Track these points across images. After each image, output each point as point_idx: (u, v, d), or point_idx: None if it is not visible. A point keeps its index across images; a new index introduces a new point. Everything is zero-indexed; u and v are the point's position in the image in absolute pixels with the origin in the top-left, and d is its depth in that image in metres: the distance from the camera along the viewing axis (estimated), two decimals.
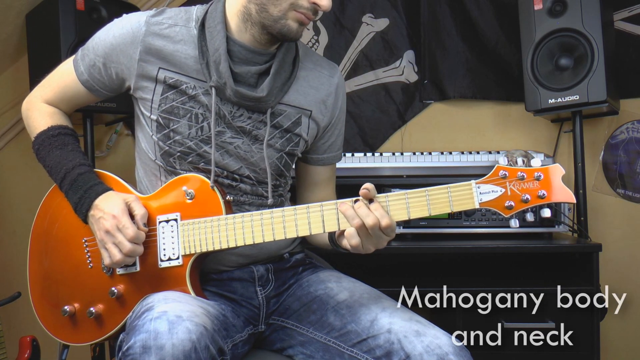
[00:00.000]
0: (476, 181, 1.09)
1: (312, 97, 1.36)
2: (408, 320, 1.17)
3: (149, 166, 1.35)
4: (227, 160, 1.30)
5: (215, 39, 1.24)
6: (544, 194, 1.07)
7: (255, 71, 1.27)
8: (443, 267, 2.00)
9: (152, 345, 1.00)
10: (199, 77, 1.26)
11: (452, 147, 2.19)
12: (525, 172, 1.08)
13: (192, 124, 1.27)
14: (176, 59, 1.26)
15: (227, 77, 1.23)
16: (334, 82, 1.40)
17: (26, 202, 2.39)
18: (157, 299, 1.13)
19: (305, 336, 1.29)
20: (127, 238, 1.18)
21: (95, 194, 1.24)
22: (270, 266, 1.37)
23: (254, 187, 1.34)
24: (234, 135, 1.29)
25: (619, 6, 2.20)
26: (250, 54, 1.27)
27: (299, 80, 1.34)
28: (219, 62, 1.24)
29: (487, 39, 2.30)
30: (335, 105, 1.40)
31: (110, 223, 1.19)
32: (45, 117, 1.36)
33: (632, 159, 2.23)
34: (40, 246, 1.38)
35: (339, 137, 1.47)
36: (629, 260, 2.23)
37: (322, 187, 1.48)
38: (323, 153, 1.45)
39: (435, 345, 1.11)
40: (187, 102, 1.27)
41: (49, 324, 1.35)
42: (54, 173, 1.30)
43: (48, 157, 1.31)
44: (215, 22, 1.26)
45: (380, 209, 1.10)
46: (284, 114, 1.33)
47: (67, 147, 1.32)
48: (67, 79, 1.37)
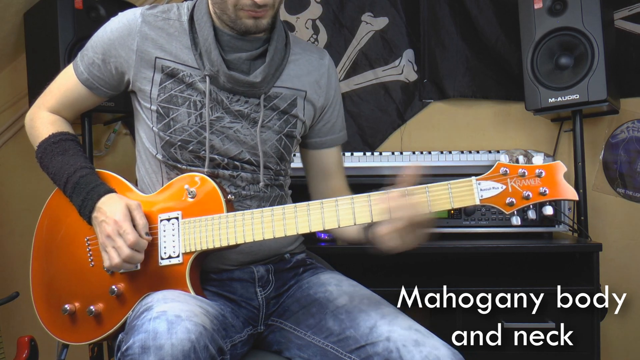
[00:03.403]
0: (477, 178, 1.09)
1: (305, 79, 1.39)
2: (407, 329, 1.17)
3: (150, 163, 1.35)
4: (228, 145, 1.31)
5: (203, 30, 1.29)
6: (545, 190, 1.06)
7: (245, 57, 1.30)
8: (443, 267, 2.00)
9: (151, 345, 0.99)
10: (195, 66, 1.29)
11: (451, 146, 2.18)
12: (527, 169, 1.07)
13: (191, 112, 1.28)
14: (172, 49, 1.29)
15: (219, 64, 1.26)
16: (324, 64, 1.43)
17: (24, 201, 2.38)
18: (156, 298, 1.13)
19: (303, 340, 1.29)
20: (127, 244, 1.18)
21: (97, 195, 1.24)
22: (271, 267, 1.36)
23: (254, 174, 1.34)
24: (233, 120, 1.31)
25: (619, 5, 2.20)
26: (238, 42, 1.30)
27: (290, 64, 1.37)
28: (209, 50, 1.27)
29: (486, 37, 2.29)
30: (329, 86, 1.43)
31: (111, 228, 1.19)
32: (47, 126, 1.37)
33: (632, 159, 2.23)
34: (43, 245, 1.39)
35: (338, 118, 1.49)
36: (629, 260, 2.23)
37: (333, 176, 1.49)
38: (325, 135, 1.47)
39: (434, 356, 1.11)
40: (185, 90, 1.29)
41: (49, 323, 1.35)
42: (57, 179, 1.31)
43: (50, 164, 1.32)
44: (202, 13, 1.30)
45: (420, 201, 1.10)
46: (279, 97, 1.35)
47: (69, 152, 1.33)
48: (68, 83, 1.38)
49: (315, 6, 2.43)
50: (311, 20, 2.43)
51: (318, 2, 2.43)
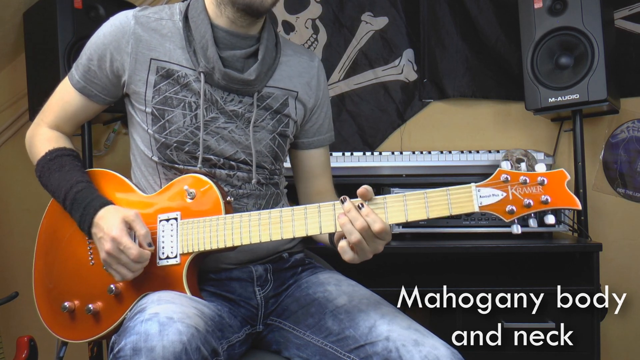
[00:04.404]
0: (476, 184, 1.07)
1: (296, 80, 1.41)
2: (407, 329, 1.16)
3: (145, 166, 1.35)
4: (223, 145, 1.31)
5: (200, 27, 1.29)
6: (547, 199, 1.04)
7: (240, 55, 1.31)
8: (443, 267, 2.00)
9: (142, 347, 0.99)
10: (189, 66, 1.30)
11: (451, 146, 2.18)
12: (529, 177, 1.05)
13: (186, 113, 1.29)
14: (165, 50, 1.30)
15: (215, 61, 1.27)
16: (314, 66, 1.46)
17: (23, 201, 2.38)
18: (150, 300, 1.13)
19: (302, 339, 1.28)
20: (131, 258, 1.17)
21: (93, 210, 1.24)
22: (269, 266, 1.36)
23: (250, 173, 1.34)
24: (227, 120, 1.31)
25: (620, 4, 2.19)
26: (234, 39, 1.31)
27: (282, 64, 1.39)
28: (206, 47, 1.28)
29: (486, 37, 2.29)
30: (318, 87, 1.46)
31: (110, 245, 1.18)
32: (44, 143, 1.37)
33: (632, 158, 2.23)
34: (46, 243, 1.39)
35: (325, 119, 1.50)
36: (629, 260, 2.22)
37: (318, 177, 1.50)
38: (312, 136, 1.49)
39: (434, 356, 1.10)
40: (179, 91, 1.29)
41: (48, 320, 1.35)
42: (57, 197, 1.31)
43: (49, 182, 1.33)
44: (198, 11, 1.31)
45: (372, 213, 1.08)
46: (272, 96, 1.36)
47: (65, 168, 1.32)
48: (65, 96, 1.38)
49: (315, 6, 2.43)
50: (311, 20, 2.43)
51: (318, 1, 2.42)
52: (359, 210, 1.09)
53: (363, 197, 1.10)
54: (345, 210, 1.09)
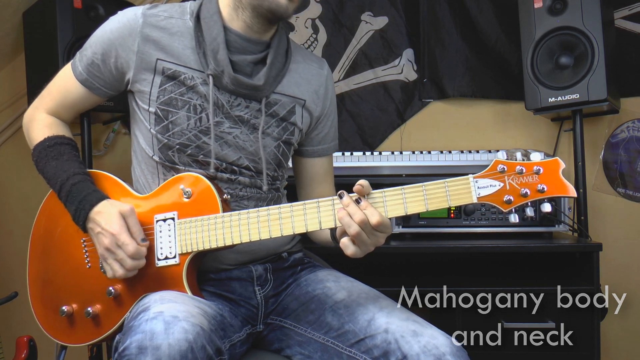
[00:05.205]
0: (474, 175, 1.08)
1: (304, 87, 1.40)
2: (405, 320, 1.17)
3: (146, 164, 1.35)
4: (226, 150, 1.30)
5: (212, 29, 1.27)
6: (543, 187, 1.05)
7: (250, 60, 1.30)
8: (443, 266, 1.99)
9: (148, 345, 0.99)
10: (197, 67, 1.28)
11: (451, 146, 2.18)
12: (524, 166, 1.06)
13: (191, 115, 1.27)
14: (174, 50, 1.28)
15: (225, 65, 1.26)
16: (323, 74, 1.45)
17: (23, 201, 2.38)
18: (153, 299, 1.12)
19: (303, 336, 1.28)
20: (127, 255, 1.17)
21: (89, 205, 1.23)
22: (269, 266, 1.36)
23: (252, 178, 1.34)
24: (233, 125, 1.30)
25: (620, 4, 2.19)
26: (245, 43, 1.30)
27: (291, 72, 1.38)
28: (217, 50, 1.26)
29: (486, 37, 2.29)
30: (326, 96, 1.44)
31: (109, 240, 1.18)
32: (43, 129, 1.36)
33: (632, 158, 2.23)
34: (40, 246, 1.38)
35: (331, 128, 1.49)
36: (629, 260, 2.22)
37: (320, 182, 1.50)
38: (317, 144, 1.48)
39: (433, 346, 1.10)
40: (185, 93, 1.28)
41: (47, 325, 1.34)
42: (52, 185, 1.30)
43: (45, 168, 1.31)
44: (211, 12, 1.29)
45: (370, 207, 1.09)
46: (279, 103, 1.35)
47: (63, 157, 1.31)
48: (66, 84, 1.37)
49: (314, 5, 2.43)
50: (311, 20, 2.43)
51: (317, 1, 2.42)
52: (357, 204, 1.09)
53: (359, 193, 1.10)
54: (343, 204, 1.10)
